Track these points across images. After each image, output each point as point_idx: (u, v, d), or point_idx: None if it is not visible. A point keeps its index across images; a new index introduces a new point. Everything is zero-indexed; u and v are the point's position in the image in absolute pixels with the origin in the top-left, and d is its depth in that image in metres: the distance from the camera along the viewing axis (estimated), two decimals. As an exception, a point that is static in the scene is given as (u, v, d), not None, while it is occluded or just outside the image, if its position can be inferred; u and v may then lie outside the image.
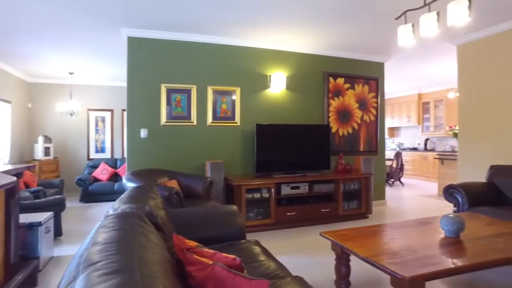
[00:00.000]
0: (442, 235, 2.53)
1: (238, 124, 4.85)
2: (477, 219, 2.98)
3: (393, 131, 11.40)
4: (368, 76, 5.67)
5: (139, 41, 4.40)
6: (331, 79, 5.35)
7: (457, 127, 6.84)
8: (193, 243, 1.63)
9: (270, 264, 2.05)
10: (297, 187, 4.53)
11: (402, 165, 8.51)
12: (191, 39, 4.60)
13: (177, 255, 1.52)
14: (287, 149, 4.74)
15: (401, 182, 8.59)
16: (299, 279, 1.77)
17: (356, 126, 5.55)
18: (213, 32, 4.52)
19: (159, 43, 4.49)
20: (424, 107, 9.91)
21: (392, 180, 8.49)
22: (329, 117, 5.34)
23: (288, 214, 4.45)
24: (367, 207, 4.97)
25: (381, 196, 5.92)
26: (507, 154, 4.31)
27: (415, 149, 10.27)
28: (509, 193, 3.88)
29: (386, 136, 11.37)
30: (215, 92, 4.71)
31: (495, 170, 4.13)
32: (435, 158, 7.14)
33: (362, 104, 5.60)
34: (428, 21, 2.67)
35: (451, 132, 6.81)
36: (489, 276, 2.87)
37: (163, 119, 4.48)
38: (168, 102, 4.49)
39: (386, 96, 11.06)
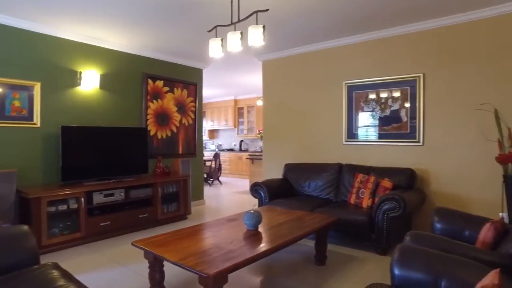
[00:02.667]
0: (245, 229, 2.86)
1: (38, 125, 4.10)
2: (273, 211, 3.52)
3: (213, 133, 12.19)
4: (187, 80, 5.85)
5: None
6: (150, 81, 5.23)
7: (263, 131, 7.93)
8: None
9: (67, 289, 1.81)
10: (112, 194, 4.21)
11: (220, 165, 9.20)
12: (-35, 15, 3.60)
13: None
14: (100, 153, 4.35)
15: (219, 181, 9.27)
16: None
17: (175, 129, 5.63)
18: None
19: None
20: (239, 112, 11.03)
21: (212, 179, 9.06)
22: (147, 119, 5.21)
23: (102, 224, 4.08)
24: (186, 209, 5.12)
25: (200, 196, 6.22)
26: (297, 154, 5.29)
27: (231, 150, 11.30)
28: (297, 186, 4.77)
29: (207, 137, 12.04)
30: (2, 85, 3.83)
31: (287, 168, 5.00)
32: (247, 158, 8.04)
33: (181, 107, 5.73)
34: (233, 39, 2.95)
35: (259, 135, 7.84)
36: (280, 256, 3.44)
37: None
38: None
39: (207, 101, 11.72)
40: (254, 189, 4.49)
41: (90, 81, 4.48)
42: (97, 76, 4.57)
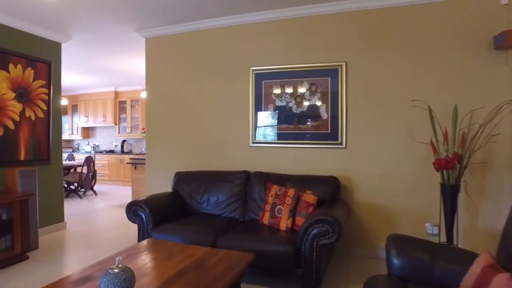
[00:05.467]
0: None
1: None
2: (158, 251, 2.29)
3: (89, 131, 10.03)
4: (34, 56, 4.09)
5: None
6: (-38, 49, 3.37)
7: (149, 129, 6.49)
8: None
9: None
10: None
11: (95, 171, 7.36)
12: None
13: None
14: None
15: (94, 192, 7.41)
16: None
17: (11, 125, 3.83)
18: None
19: None
20: (120, 106, 9.22)
21: (83, 190, 7.16)
22: (-44, 109, 3.35)
23: None
24: (26, 243, 3.44)
25: (59, 218, 4.50)
26: (192, 159, 4.12)
27: (112, 151, 9.40)
28: (191, 202, 3.62)
29: (80, 137, 9.84)
30: None
31: (179, 178, 3.80)
32: (127, 163, 6.49)
33: (23, 94, 3.96)
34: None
35: (144, 134, 6.37)
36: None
37: None
38: None
39: (79, 91, 9.53)
40: (132, 211, 3.16)
41: None
42: None
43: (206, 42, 4.04)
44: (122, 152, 9.16)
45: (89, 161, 7.09)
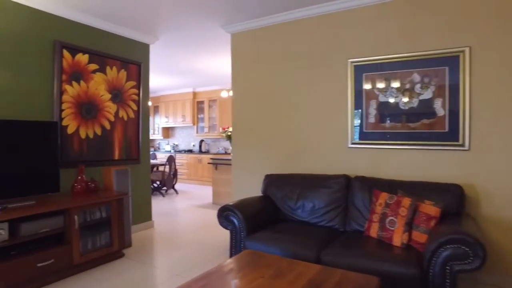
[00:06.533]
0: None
1: None
2: (262, 267, 2.03)
3: (169, 131, 10.44)
4: (127, 58, 4.19)
5: None
6: (66, 53, 3.52)
7: (230, 128, 6.42)
8: None
9: None
10: (-16, 234, 2.50)
11: (176, 170, 7.55)
12: None
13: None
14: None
15: (175, 190, 7.61)
16: None
17: (107, 125, 3.95)
18: None
19: None
20: (198, 106, 9.40)
21: (165, 188, 7.39)
22: (62, 110, 3.49)
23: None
24: (122, 241, 3.48)
25: (147, 216, 4.58)
26: (282, 161, 3.85)
27: (190, 151, 9.64)
28: (284, 207, 3.34)
29: (161, 137, 10.29)
30: None
31: (269, 181, 3.55)
32: (209, 163, 6.49)
33: (117, 95, 4.06)
34: None
35: (224, 134, 6.32)
36: None
37: None
38: None
39: (160, 93, 9.96)
40: (224, 216, 2.97)
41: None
42: (-33, 37, 2.81)
43: (295, 35, 3.73)
44: (200, 151, 9.33)
45: (171, 160, 7.27)
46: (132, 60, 4.24)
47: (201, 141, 9.41)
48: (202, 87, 9.13)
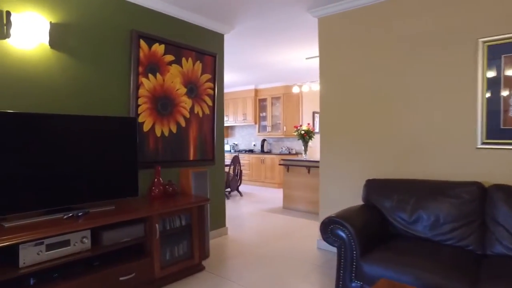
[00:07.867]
0: None
1: None
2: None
3: (228, 130, 10.17)
4: (202, 49, 3.82)
5: None
6: (143, 43, 3.22)
7: (303, 127, 5.89)
8: None
9: None
10: (66, 243, 2.20)
11: (240, 171, 7.18)
12: None
13: None
14: (46, 161, 2.35)
15: (239, 192, 7.24)
16: None
17: (183, 122, 3.61)
18: None
19: None
20: (260, 104, 8.99)
21: (229, 190, 7.04)
22: (138, 105, 3.19)
23: (43, 303, 2.08)
24: (202, 252, 3.10)
25: (221, 223, 4.20)
26: (384, 164, 3.24)
27: (251, 151, 9.27)
28: (393, 218, 2.74)
29: (221, 136, 10.03)
30: None
31: (371, 186, 2.95)
32: (280, 165, 6.00)
33: (193, 89, 3.71)
34: None
35: (296, 133, 5.80)
36: None
37: None
38: None
39: (221, 91, 9.69)
40: (330, 230, 2.44)
41: (30, 32, 2.47)
42: (45, 24, 2.56)
43: (399, 15, 3.10)
44: (262, 151, 8.92)
45: (235, 160, 6.92)
46: (207, 51, 3.86)
47: (263, 140, 8.98)
48: (265, 84, 8.70)
